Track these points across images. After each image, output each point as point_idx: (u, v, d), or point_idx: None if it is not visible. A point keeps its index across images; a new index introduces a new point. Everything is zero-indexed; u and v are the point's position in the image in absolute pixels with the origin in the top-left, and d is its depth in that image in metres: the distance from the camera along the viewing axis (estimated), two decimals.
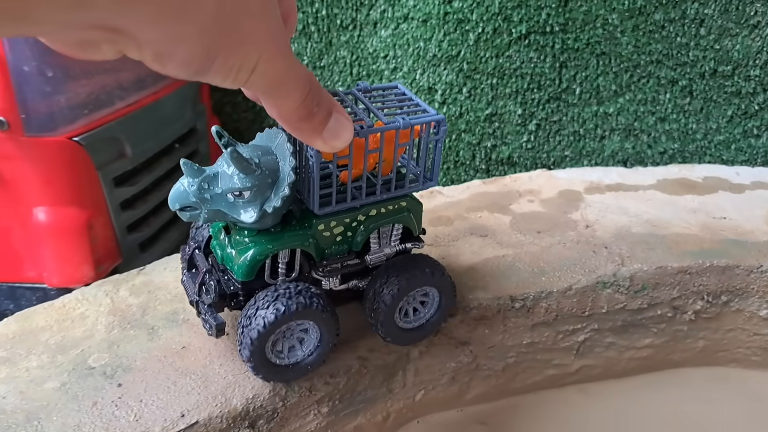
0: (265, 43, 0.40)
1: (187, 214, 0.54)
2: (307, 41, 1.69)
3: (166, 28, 0.34)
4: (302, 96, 0.45)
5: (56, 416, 0.58)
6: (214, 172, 0.54)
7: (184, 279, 0.65)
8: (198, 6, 0.34)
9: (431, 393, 0.81)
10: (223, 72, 0.39)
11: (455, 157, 1.71)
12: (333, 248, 0.63)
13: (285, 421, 0.66)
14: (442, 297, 0.69)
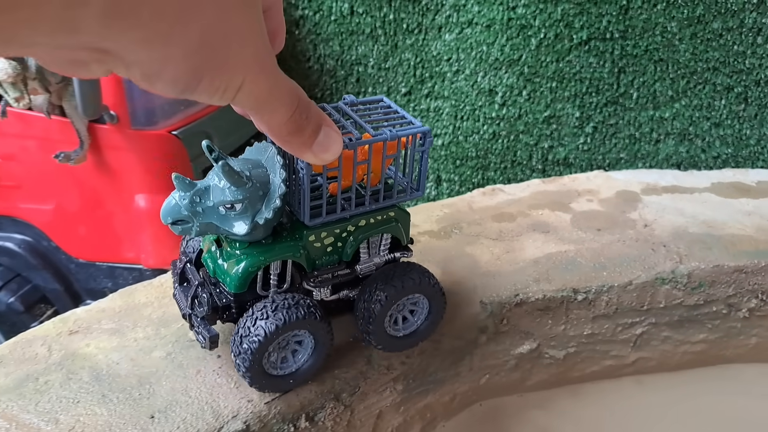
0: (250, 64, 0.40)
1: (179, 227, 0.54)
2: (374, 44, 1.73)
3: (153, 51, 0.34)
4: (290, 111, 0.45)
5: (165, 381, 0.64)
6: (206, 185, 0.54)
7: (176, 293, 0.64)
8: (184, 30, 0.35)
9: (495, 378, 0.85)
10: (210, 91, 0.39)
11: (512, 157, 1.74)
12: (324, 259, 0.63)
13: (365, 396, 0.71)
14: (432, 304, 0.69)
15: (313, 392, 0.66)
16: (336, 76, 1.86)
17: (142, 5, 0.32)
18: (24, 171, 1.33)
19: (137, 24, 0.32)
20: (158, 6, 0.32)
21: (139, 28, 0.32)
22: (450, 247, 0.91)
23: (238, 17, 0.37)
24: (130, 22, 0.32)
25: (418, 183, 0.65)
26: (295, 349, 0.62)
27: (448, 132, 1.80)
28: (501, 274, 0.85)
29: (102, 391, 0.62)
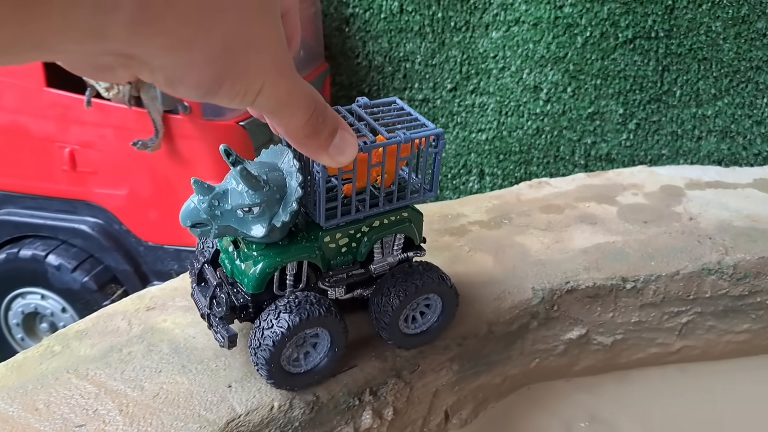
0: (269, 69, 0.40)
1: (198, 230, 0.54)
2: (422, 41, 1.76)
3: (177, 57, 0.35)
4: (307, 115, 0.45)
5: (239, 355, 0.67)
6: (224, 189, 0.54)
7: (194, 293, 0.65)
8: (207, 36, 0.35)
9: (544, 362, 0.87)
10: (231, 95, 0.39)
11: (555, 152, 1.76)
12: (338, 259, 0.63)
13: (423, 374, 0.73)
14: (445, 303, 0.69)
15: (377, 368, 0.69)
16: (383, 72, 1.89)
17: (167, 13, 0.33)
18: (100, 158, 1.39)
19: (162, 31, 0.33)
20: (182, 13, 0.33)
21: (164, 34, 0.33)
22: (501, 236, 0.94)
23: (258, 23, 0.38)
24: (156, 28, 0.33)
25: (431, 183, 0.65)
26: (308, 351, 0.62)
27: (492, 127, 1.82)
28: (551, 263, 0.87)
29: (182, 362, 0.66)
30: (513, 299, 0.81)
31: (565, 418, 0.85)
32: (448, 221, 0.98)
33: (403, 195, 0.63)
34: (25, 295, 1.78)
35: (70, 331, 0.71)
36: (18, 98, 1.38)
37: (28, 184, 1.48)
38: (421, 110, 1.92)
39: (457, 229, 0.96)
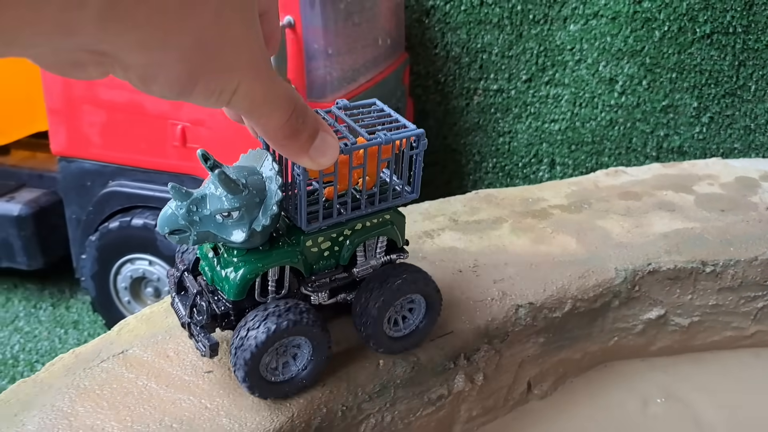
0: (245, 68, 0.39)
1: (177, 237, 0.52)
2: (500, 33, 1.77)
3: (150, 54, 0.34)
4: (286, 115, 0.44)
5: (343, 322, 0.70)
6: (202, 194, 0.52)
7: (174, 302, 0.61)
8: (181, 34, 0.34)
9: (623, 341, 0.89)
10: (206, 94, 0.38)
11: (628, 143, 1.76)
12: (321, 263, 0.60)
13: (511, 344, 0.76)
14: (429, 303, 0.66)
15: (471, 335, 0.71)
16: (460, 63, 1.91)
17: (138, 9, 0.31)
18: (209, 135, 1.46)
19: (134, 27, 0.32)
20: (155, 9, 0.32)
21: (135, 30, 0.32)
22: (582, 220, 0.95)
23: (234, 22, 0.37)
24: (126, 25, 0.32)
25: (412, 185, 0.62)
26: (295, 353, 0.59)
27: (565, 118, 1.83)
28: (633, 246, 0.88)
29: None
30: (597, 278, 0.83)
31: (641, 394, 0.87)
32: (529, 204, 1.00)
33: (385, 197, 0.61)
34: (134, 261, 1.89)
35: None
36: None
37: (140, 158, 1.55)
38: (495, 100, 1.93)
39: (539, 212, 0.98)
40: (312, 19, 1.33)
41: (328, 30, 1.31)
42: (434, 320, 0.67)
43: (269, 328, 0.54)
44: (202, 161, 0.50)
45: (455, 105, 1.97)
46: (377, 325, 0.62)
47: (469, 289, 0.77)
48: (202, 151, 0.50)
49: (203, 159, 0.50)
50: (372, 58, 1.50)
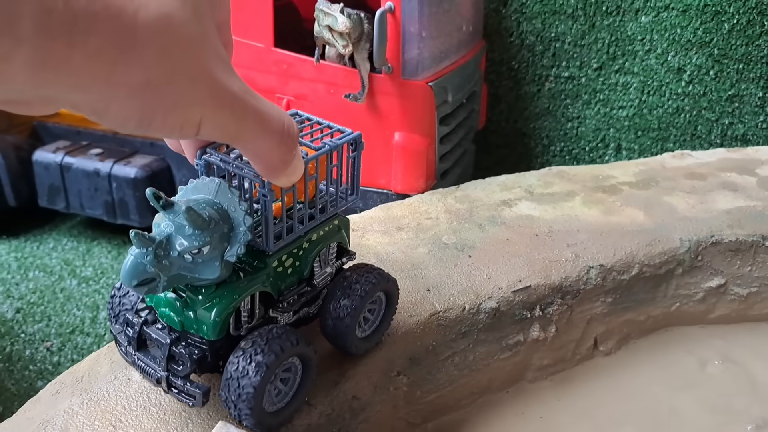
0: (205, 99, 0.36)
1: (145, 287, 0.45)
2: (573, 23, 1.80)
3: (94, 93, 0.32)
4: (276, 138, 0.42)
5: (432, 268, 0.76)
6: (165, 235, 0.46)
7: (135, 360, 0.53)
8: (126, 72, 0.32)
9: (683, 307, 0.92)
10: (166, 129, 0.36)
11: (693, 131, 1.77)
12: (287, 281, 0.56)
13: (581, 301, 0.80)
14: (389, 297, 0.64)
15: (547, 290, 0.76)
16: (534, 51, 1.94)
17: (72, 54, 0.29)
18: (311, 109, 1.54)
19: (68, 73, 0.30)
20: (91, 52, 0.30)
21: (72, 75, 0.30)
22: (649, 195, 0.99)
23: (185, 55, 0.34)
24: (60, 72, 0.30)
25: (352, 187, 0.60)
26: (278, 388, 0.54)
27: (633, 105, 1.85)
28: (697, 219, 0.91)
29: (387, 269, 0.75)
30: (662, 247, 0.86)
31: (699, 357, 0.90)
32: (599, 181, 1.04)
33: (334, 203, 0.58)
34: None
35: None
36: (250, 56, 1.55)
37: None
38: (566, 87, 1.96)
39: (609, 188, 1.01)
40: (410, 5, 1.41)
41: (422, 15, 1.40)
42: (394, 310, 0.64)
43: (261, 366, 0.49)
44: (154, 201, 0.44)
45: (527, 91, 2.01)
46: (351, 332, 0.59)
47: (544, 251, 0.82)
48: (152, 190, 0.44)
49: (155, 198, 0.44)
50: (456, 43, 1.57)
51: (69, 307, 1.76)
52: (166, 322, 0.51)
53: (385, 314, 0.64)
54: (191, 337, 0.51)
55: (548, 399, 0.80)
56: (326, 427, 0.57)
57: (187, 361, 0.51)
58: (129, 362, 0.54)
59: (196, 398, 0.50)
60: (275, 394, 0.53)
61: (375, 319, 0.63)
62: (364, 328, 0.62)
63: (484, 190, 1.00)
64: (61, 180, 2.06)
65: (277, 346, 0.50)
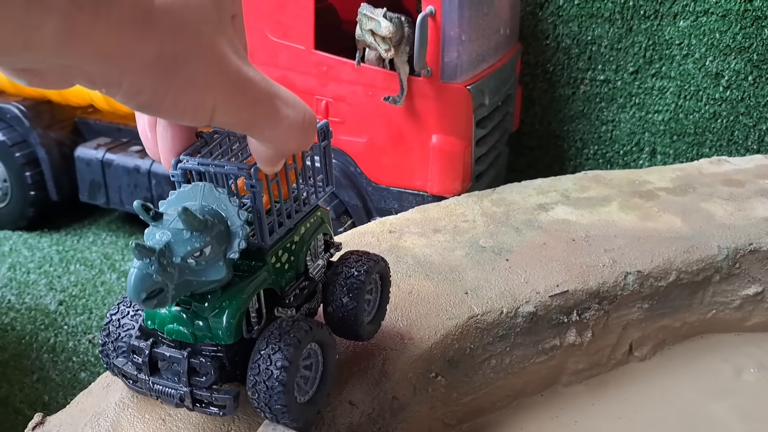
0: (219, 83, 0.36)
1: (155, 300, 0.43)
2: (610, 26, 1.79)
3: (110, 65, 0.32)
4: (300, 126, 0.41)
5: (470, 271, 0.76)
6: (164, 243, 0.44)
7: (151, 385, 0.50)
8: (140, 47, 0.32)
9: (720, 314, 0.91)
10: (177, 111, 0.35)
11: (729, 136, 1.75)
12: (286, 277, 0.54)
13: (617, 306, 0.80)
14: (383, 280, 0.63)
15: (584, 295, 0.76)
16: (569, 54, 1.93)
17: (95, 26, 0.30)
18: (349, 110, 1.55)
19: (91, 41, 0.30)
20: (112, 26, 0.31)
21: (92, 44, 0.30)
22: (687, 202, 0.98)
23: (198, 36, 0.34)
24: (83, 40, 0.30)
25: (328, 176, 0.58)
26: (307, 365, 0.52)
27: (669, 109, 1.83)
28: (735, 227, 0.90)
29: (425, 272, 0.76)
30: (700, 254, 0.85)
31: (735, 364, 0.89)
32: (636, 186, 1.03)
33: (313, 194, 0.56)
34: None
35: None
36: (291, 58, 1.57)
37: None
38: (601, 90, 1.95)
39: (645, 193, 1.01)
40: (450, 9, 1.41)
41: (462, 19, 1.40)
42: (389, 289, 0.63)
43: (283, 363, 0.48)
44: (143, 213, 0.43)
45: (561, 93, 2.00)
46: (360, 319, 0.58)
47: (581, 256, 0.81)
48: (140, 203, 0.43)
49: (144, 210, 0.43)
50: (493, 46, 1.58)
51: (110, 300, 1.79)
52: (175, 338, 0.49)
53: (382, 294, 0.63)
54: (204, 347, 0.49)
55: (583, 403, 0.80)
56: (367, 426, 0.58)
57: (209, 369, 0.49)
58: (143, 391, 0.51)
59: (227, 406, 0.48)
60: (303, 383, 0.52)
61: (374, 302, 0.62)
62: (368, 311, 0.61)
63: (520, 194, 1.00)
64: (102, 176, 2.09)
65: (293, 338, 0.48)
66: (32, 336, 1.62)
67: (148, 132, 0.46)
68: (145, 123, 0.46)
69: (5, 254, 2.07)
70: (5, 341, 1.59)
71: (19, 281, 1.89)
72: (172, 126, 0.46)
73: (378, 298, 0.62)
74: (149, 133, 0.46)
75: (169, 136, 0.46)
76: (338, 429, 0.55)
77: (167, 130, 0.46)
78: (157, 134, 0.46)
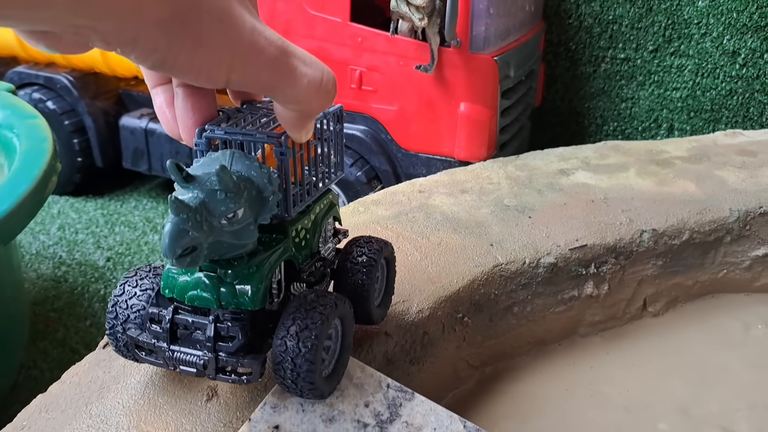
0: (234, 42, 0.34)
1: (188, 258, 0.41)
2: (631, 6, 1.79)
3: (124, 20, 0.31)
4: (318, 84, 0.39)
5: (495, 226, 0.79)
6: (199, 201, 0.41)
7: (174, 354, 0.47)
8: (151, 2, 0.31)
9: (730, 274, 0.93)
10: (192, 70, 0.34)
11: (745, 112, 1.75)
12: (303, 253, 0.52)
13: (633, 262, 0.82)
14: (388, 263, 0.61)
15: (601, 250, 0.78)
16: (591, 33, 1.93)
17: None
18: (381, 80, 1.58)
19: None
20: None
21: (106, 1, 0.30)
22: (701, 169, 0.99)
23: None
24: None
25: (340, 158, 0.55)
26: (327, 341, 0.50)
27: (687, 87, 1.83)
28: (747, 192, 0.92)
29: (452, 227, 0.78)
30: (712, 215, 0.87)
31: (744, 321, 0.91)
32: (653, 155, 1.05)
33: (328, 175, 0.54)
34: None
35: (368, 200, 0.85)
36: (327, 30, 1.60)
37: None
38: (621, 68, 1.95)
39: (662, 161, 1.02)
40: None
41: None
42: (395, 273, 0.61)
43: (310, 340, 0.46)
44: (175, 173, 0.40)
45: (583, 71, 2.00)
46: (371, 301, 0.57)
47: (600, 215, 0.83)
48: (173, 162, 0.40)
49: (177, 169, 0.40)
50: (519, 22, 1.59)
51: (153, 258, 1.83)
52: (198, 304, 0.46)
53: (387, 278, 0.60)
54: (227, 314, 0.46)
55: (598, 352, 0.82)
56: (400, 356, 0.61)
57: (237, 333, 0.46)
58: (155, 362, 0.48)
59: (253, 372, 0.46)
60: (326, 356, 0.49)
61: (381, 285, 0.60)
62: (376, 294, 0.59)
63: (542, 160, 1.01)
64: (145, 144, 2.13)
65: (319, 314, 0.46)
66: (84, 287, 1.67)
67: (166, 109, 0.44)
68: (162, 101, 0.44)
69: (54, 216, 2.12)
70: (59, 291, 1.65)
71: (69, 240, 1.94)
72: (191, 97, 0.43)
73: (384, 282, 0.60)
74: (167, 110, 0.44)
75: (189, 107, 0.44)
76: (375, 355, 0.58)
77: (186, 101, 0.43)
78: (176, 108, 0.44)
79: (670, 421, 0.71)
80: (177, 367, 0.47)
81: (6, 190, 0.86)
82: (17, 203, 0.84)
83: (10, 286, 1.10)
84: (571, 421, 0.71)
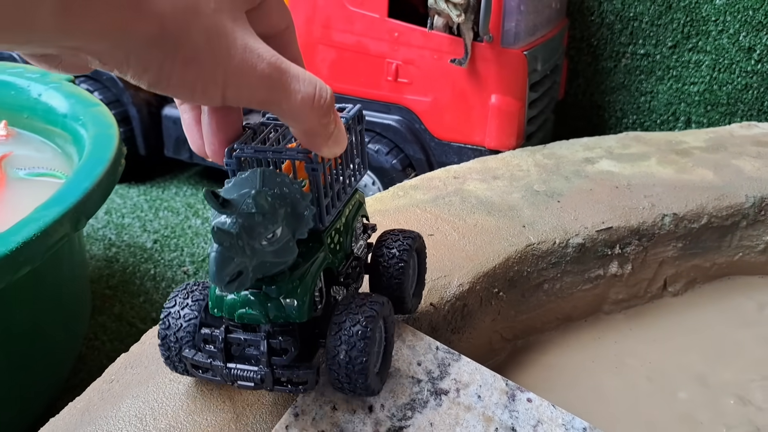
0: (226, 58, 0.33)
1: (236, 283, 0.40)
2: (651, 3, 1.80)
3: (113, 41, 0.30)
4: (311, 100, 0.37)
5: (527, 209, 0.81)
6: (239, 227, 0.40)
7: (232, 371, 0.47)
8: (143, 20, 0.30)
9: (746, 257, 0.95)
10: (186, 87, 0.33)
11: (760, 106, 1.76)
12: (338, 257, 0.51)
13: (655, 244, 0.84)
14: (420, 256, 0.60)
15: (626, 232, 0.81)
16: (612, 29, 1.95)
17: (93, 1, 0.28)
18: (416, 72, 1.61)
19: (91, 17, 0.29)
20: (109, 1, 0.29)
21: (93, 20, 0.29)
22: (718, 158, 1.01)
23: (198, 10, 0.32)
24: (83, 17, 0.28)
25: (363, 159, 0.54)
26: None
27: (704, 81, 1.85)
28: (762, 179, 0.94)
29: (487, 209, 0.82)
30: (729, 201, 0.89)
31: (759, 301, 0.93)
32: (673, 145, 1.07)
33: (354, 177, 0.53)
34: None
35: (406, 185, 0.89)
36: (365, 25, 1.63)
37: (360, 90, 1.72)
38: (641, 64, 1.96)
39: (681, 151, 1.04)
40: None
41: None
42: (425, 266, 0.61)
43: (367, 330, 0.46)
44: (212, 200, 0.38)
45: (604, 66, 2.02)
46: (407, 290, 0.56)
47: (624, 200, 0.86)
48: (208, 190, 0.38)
49: (213, 197, 0.38)
50: (546, 19, 1.62)
51: (197, 241, 1.88)
52: (247, 321, 0.46)
53: (419, 269, 0.60)
54: (276, 328, 0.46)
55: (621, 328, 0.85)
56: (443, 325, 0.64)
57: (290, 346, 0.46)
58: (217, 380, 0.48)
59: (308, 381, 0.46)
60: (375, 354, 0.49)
61: (414, 277, 0.59)
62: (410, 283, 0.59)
63: (568, 149, 1.04)
64: None
65: (371, 309, 0.46)
66: (134, 267, 1.73)
67: (194, 127, 0.43)
68: (190, 118, 0.43)
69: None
70: (112, 270, 1.70)
71: (116, 223, 2.00)
72: (215, 115, 0.42)
73: (416, 273, 0.59)
74: (195, 128, 0.43)
75: (214, 126, 0.42)
76: (422, 324, 0.61)
77: (212, 119, 0.42)
78: (203, 127, 0.42)
79: (690, 389, 0.74)
80: (234, 383, 0.47)
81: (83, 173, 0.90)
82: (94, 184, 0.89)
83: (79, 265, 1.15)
84: (596, 390, 0.74)
